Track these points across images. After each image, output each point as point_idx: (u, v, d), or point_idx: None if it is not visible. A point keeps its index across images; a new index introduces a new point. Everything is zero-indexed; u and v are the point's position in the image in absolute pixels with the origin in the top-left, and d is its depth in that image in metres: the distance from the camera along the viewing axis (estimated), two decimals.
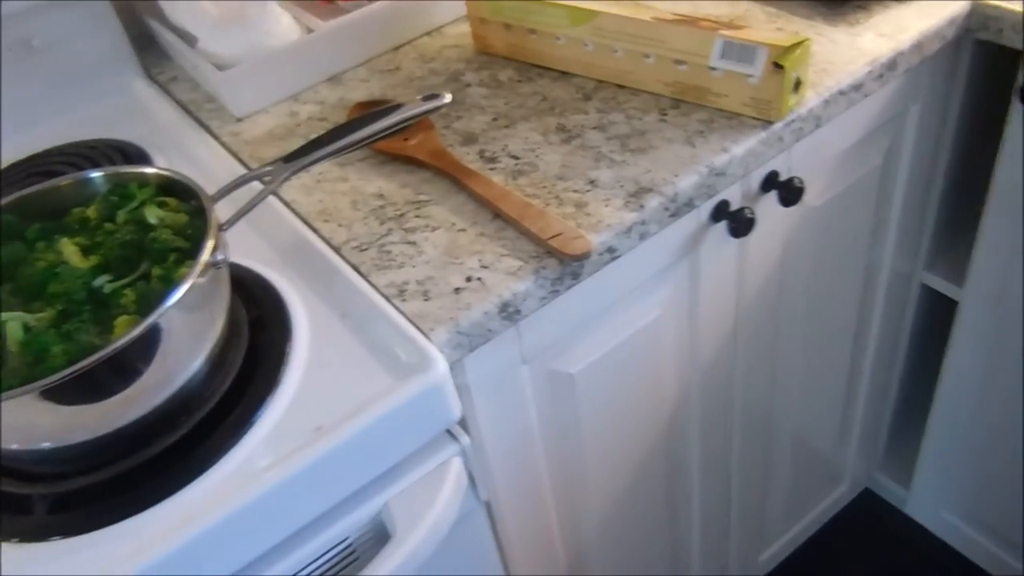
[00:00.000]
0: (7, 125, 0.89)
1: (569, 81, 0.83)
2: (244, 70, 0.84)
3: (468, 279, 0.64)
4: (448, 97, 0.68)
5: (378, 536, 0.61)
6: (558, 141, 0.76)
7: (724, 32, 0.74)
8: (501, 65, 0.87)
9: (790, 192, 0.79)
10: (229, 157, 0.82)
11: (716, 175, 0.72)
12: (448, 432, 0.65)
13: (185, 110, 0.91)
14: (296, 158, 0.63)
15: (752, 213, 0.76)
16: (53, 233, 0.61)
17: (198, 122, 0.88)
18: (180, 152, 0.85)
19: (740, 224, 0.76)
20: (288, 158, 0.63)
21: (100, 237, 0.60)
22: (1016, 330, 1.02)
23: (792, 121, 0.75)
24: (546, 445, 0.78)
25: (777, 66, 0.71)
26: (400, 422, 0.58)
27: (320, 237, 0.71)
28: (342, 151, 0.65)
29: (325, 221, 0.72)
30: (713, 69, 0.74)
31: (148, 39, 0.99)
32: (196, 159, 0.83)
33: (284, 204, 0.75)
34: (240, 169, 0.80)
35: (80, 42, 0.91)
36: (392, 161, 0.77)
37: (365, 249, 0.69)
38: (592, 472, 0.85)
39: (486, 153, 0.76)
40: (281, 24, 0.88)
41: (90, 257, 0.59)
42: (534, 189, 0.71)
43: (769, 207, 0.82)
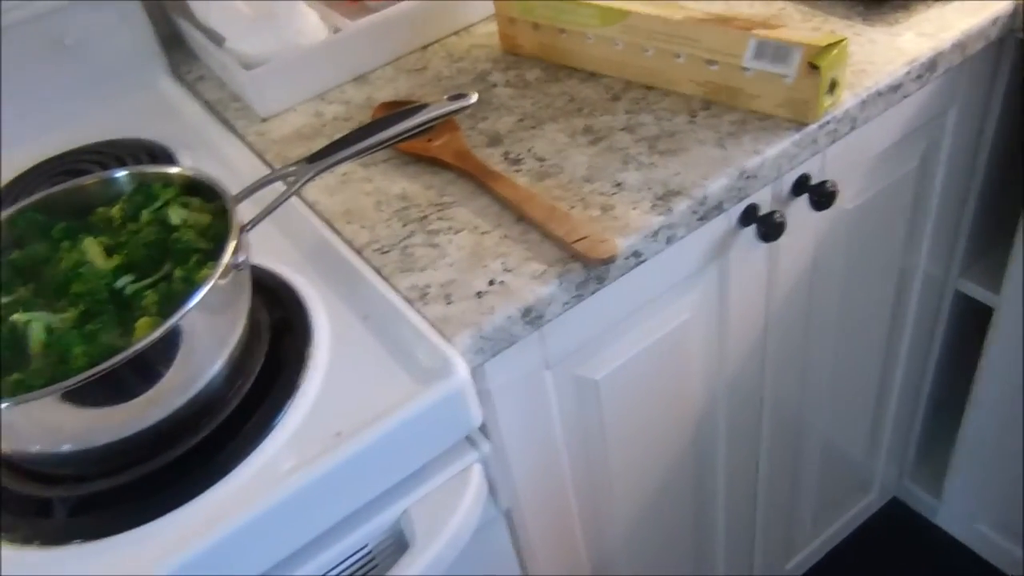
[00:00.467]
0: (37, 123, 0.89)
1: (598, 81, 0.82)
2: (270, 69, 0.84)
3: (491, 283, 0.64)
4: (474, 97, 0.67)
5: (397, 544, 0.61)
6: (585, 143, 0.75)
7: (758, 32, 0.72)
8: (529, 65, 0.86)
9: (822, 196, 0.77)
10: (254, 157, 0.82)
11: (747, 178, 0.70)
12: (468, 439, 0.65)
13: (212, 109, 0.91)
14: (319, 159, 0.62)
15: (782, 217, 0.75)
16: (78, 232, 0.61)
17: (224, 122, 0.88)
18: (207, 151, 0.85)
19: (770, 228, 0.74)
20: (311, 159, 0.63)
21: (124, 237, 0.60)
22: None
23: (827, 123, 0.73)
24: (570, 451, 0.77)
25: (812, 66, 0.69)
26: (420, 428, 0.57)
27: (343, 239, 0.70)
28: (365, 152, 0.64)
29: (348, 222, 0.71)
30: (746, 69, 0.72)
31: (177, 38, 0.99)
32: (222, 158, 0.83)
33: (307, 205, 0.74)
34: (265, 169, 0.80)
35: (110, 41, 0.91)
36: (417, 162, 0.76)
37: (387, 251, 0.68)
38: (617, 478, 0.84)
39: (511, 154, 0.75)
40: (308, 23, 0.88)
41: (113, 257, 0.59)
42: (560, 191, 0.70)
43: (800, 211, 0.80)
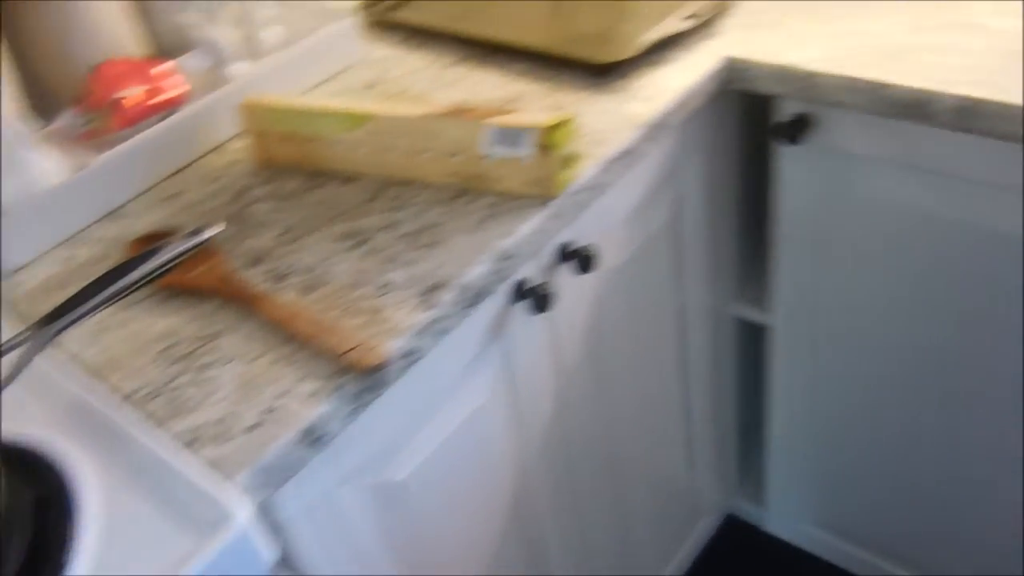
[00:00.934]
0: None
1: (356, 183, 0.83)
2: (12, 220, 0.79)
3: (269, 410, 0.62)
4: (215, 229, 0.65)
5: None
6: (348, 248, 0.75)
7: (492, 120, 0.76)
8: (288, 175, 0.86)
9: (584, 259, 0.81)
10: (9, 314, 0.76)
11: (505, 259, 0.73)
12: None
13: None
14: (56, 318, 0.59)
15: (548, 287, 0.78)
16: None
17: None
18: None
19: (539, 300, 0.77)
20: (47, 319, 0.59)
21: None
22: (827, 342, 1.09)
23: (576, 193, 0.78)
24: (393, 555, 0.76)
25: (544, 146, 0.73)
26: None
27: (109, 389, 0.67)
28: (112, 301, 0.62)
29: (112, 371, 0.68)
30: (486, 156, 0.76)
31: None
32: None
33: (69, 356, 0.70)
34: (20, 326, 0.74)
35: None
36: (179, 294, 0.74)
37: (155, 397, 0.65)
38: (448, 568, 0.83)
39: (276, 271, 0.74)
40: (49, 167, 0.84)
41: None
42: (328, 302, 0.70)
43: (568, 277, 0.84)
